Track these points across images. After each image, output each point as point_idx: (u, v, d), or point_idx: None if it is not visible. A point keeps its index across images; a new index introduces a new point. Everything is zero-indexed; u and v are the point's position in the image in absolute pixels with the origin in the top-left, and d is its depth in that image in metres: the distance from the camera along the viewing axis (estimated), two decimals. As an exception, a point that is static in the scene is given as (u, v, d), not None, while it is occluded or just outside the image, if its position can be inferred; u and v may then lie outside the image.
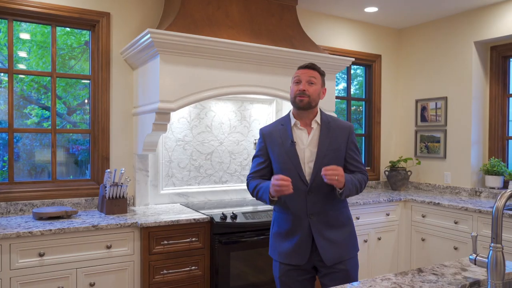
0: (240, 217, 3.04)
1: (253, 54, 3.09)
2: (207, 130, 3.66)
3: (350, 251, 2.12)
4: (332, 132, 2.11)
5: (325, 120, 2.14)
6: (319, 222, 2.07)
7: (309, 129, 2.13)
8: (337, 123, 2.15)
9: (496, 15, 3.96)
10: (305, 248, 2.07)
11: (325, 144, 2.08)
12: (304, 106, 2.07)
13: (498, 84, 4.19)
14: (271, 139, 2.17)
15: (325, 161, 2.05)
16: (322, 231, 2.07)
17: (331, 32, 4.36)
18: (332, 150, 2.09)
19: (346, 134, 2.14)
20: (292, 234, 2.10)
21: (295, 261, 2.09)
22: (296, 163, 2.07)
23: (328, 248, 2.06)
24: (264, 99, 3.92)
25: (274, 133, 2.17)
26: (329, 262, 2.06)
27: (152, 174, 3.40)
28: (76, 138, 3.33)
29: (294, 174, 2.06)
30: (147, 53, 2.93)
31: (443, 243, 3.71)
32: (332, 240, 2.07)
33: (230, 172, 3.78)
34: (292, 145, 2.09)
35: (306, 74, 2.09)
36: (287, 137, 2.11)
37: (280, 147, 2.12)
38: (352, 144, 2.15)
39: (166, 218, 2.85)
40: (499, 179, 4.01)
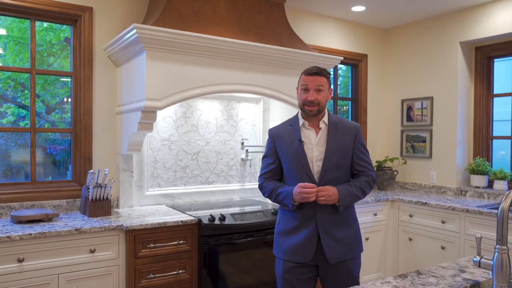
0: (228, 218, 2.96)
1: (242, 51, 3.02)
2: (193, 129, 3.57)
3: (354, 250, 2.16)
4: (340, 132, 2.17)
5: (333, 120, 2.20)
6: (325, 220, 2.11)
7: (317, 129, 2.19)
8: (344, 124, 2.21)
9: (481, 16, 3.99)
10: (310, 246, 2.10)
11: (333, 144, 2.14)
12: (314, 114, 2.14)
13: (482, 85, 4.23)
14: (279, 139, 2.22)
15: (333, 159, 2.12)
16: (328, 229, 2.10)
17: (318, 31, 4.32)
18: (340, 149, 2.14)
19: (353, 134, 2.19)
20: (298, 231, 2.13)
21: (300, 259, 2.11)
22: (304, 162, 2.12)
23: (333, 246, 2.09)
24: (251, 98, 3.85)
25: (282, 133, 2.23)
26: (332, 260, 2.09)
27: (136, 175, 3.29)
28: (53, 137, 3.19)
29: (302, 173, 2.12)
30: (132, 50, 2.83)
31: (431, 242, 3.72)
32: (338, 238, 2.11)
33: (217, 173, 3.70)
34: (300, 144, 2.14)
35: (313, 82, 2.12)
36: (295, 136, 2.17)
37: (289, 147, 2.17)
38: (359, 143, 2.21)
39: (152, 220, 2.76)
40: (484, 179, 4.05)
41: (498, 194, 3.87)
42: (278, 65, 3.27)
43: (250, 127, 3.88)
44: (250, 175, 3.88)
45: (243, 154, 3.83)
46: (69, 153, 3.21)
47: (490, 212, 3.28)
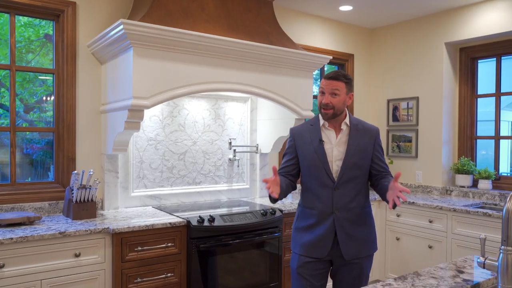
0: (218, 220, 2.90)
1: (232, 49, 2.96)
2: (180, 129, 3.49)
3: (368, 249, 2.23)
4: (361, 134, 2.24)
5: (354, 122, 2.26)
6: (343, 218, 2.17)
7: (337, 130, 2.25)
8: (365, 126, 2.28)
9: (465, 17, 4.04)
10: (327, 242, 2.17)
11: (354, 145, 2.20)
12: (329, 118, 2.20)
13: (467, 85, 4.28)
14: (300, 138, 2.29)
15: (353, 160, 2.18)
16: (345, 227, 2.17)
17: (305, 30, 4.29)
18: (360, 150, 2.20)
19: (373, 136, 2.27)
20: (316, 228, 2.20)
21: (315, 254, 2.19)
22: (323, 161, 2.18)
23: (348, 243, 2.16)
24: (239, 97, 3.79)
25: (303, 132, 2.29)
26: (347, 256, 2.16)
27: (122, 176, 3.19)
28: (30, 137, 3.06)
29: (322, 171, 2.18)
30: (118, 46, 2.73)
31: (418, 242, 3.73)
32: (353, 236, 2.17)
33: (204, 173, 3.62)
34: (320, 143, 2.20)
35: (329, 86, 2.17)
36: (316, 136, 2.23)
37: (309, 146, 2.23)
38: (378, 146, 2.28)
39: (140, 222, 2.67)
40: (469, 178, 4.09)
41: (482, 193, 3.92)
42: (268, 64, 3.22)
43: (238, 126, 3.82)
44: (237, 176, 3.83)
45: (230, 154, 3.76)
46: (47, 153, 3.09)
47: (477, 212, 3.31)
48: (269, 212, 3.14)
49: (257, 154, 3.92)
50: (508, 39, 3.93)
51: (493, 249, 3.21)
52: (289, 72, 3.36)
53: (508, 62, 4.14)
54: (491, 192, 3.86)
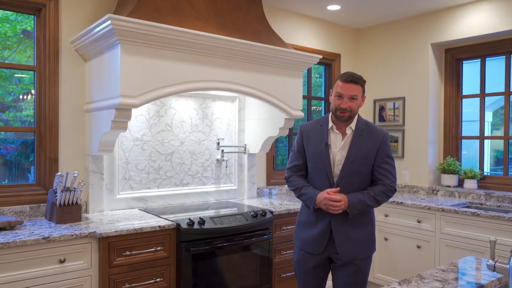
0: (208, 222, 2.82)
1: (223, 47, 2.89)
2: (167, 128, 3.39)
3: (366, 250, 2.24)
4: (365, 139, 2.21)
5: (360, 127, 2.24)
6: (340, 220, 2.20)
7: (343, 134, 2.25)
8: (372, 131, 2.24)
9: (451, 19, 4.07)
10: (322, 241, 2.22)
11: (354, 150, 2.19)
12: (345, 120, 2.20)
13: (452, 86, 4.32)
14: (308, 138, 2.31)
15: (352, 166, 2.19)
16: (342, 228, 2.19)
17: (293, 29, 4.25)
18: (361, 156, 2.19)
19: (379, 142, 2.22)
20: (315, 225, 2.26)
21: (311, 250, 2.26)
22: (326, 164, 2.21)
23: (345, 244, 2.19)
24: (227, 96, 3.72)
25: (311, 132, 2.31)
26: (345, 258, 2.19)
27: (107, 177, 3.08)
28: (4, 137, 2.92)
29: (323, 174, 2.23)
30: (105, 43, 2.63)
31: (406, 242, 3.74)
32: (351, 238, 2.19)
33: (192, 174, 3.54)
34: (326, 147, 2.22)
35: (348, 90, 2.17)
36: (322, 138, 2.25)
37: (316, 147, 2.26)
38: (383, 152, 2.22)
39: (128, 225, 2.57)
40: (455, 178, 4.13)
41: (468, 193, 3.96)
42: (258, 63, 3.16)
43: (226, 126, 3.75)
44: (225, 176, 3.75)
45: (218, 155, 3.69)
46: (22, 154, 2.95)
47: (466, 211, 3.33)
48: (260, 214, 3.09)
49: (245, 155, 3.86)
50: (492, 40, 3.98)
51: (482, 248, 3.23)
52: (279, 71, 3.31)
53: (491, 63, 4.20)
54: (477, 192, 3.90)
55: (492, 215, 3.18)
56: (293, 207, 3.37)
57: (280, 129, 3.49)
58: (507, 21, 3.71)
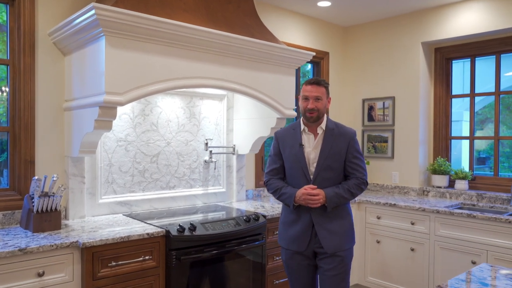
0: (199, 228, 2.65)
1: (214, 42, 2.72)
2: (153, 128, 3.19)
3: (347, 242, 2.37)
4: (335, 137, 2.38)
5: (330, 127, 2.41)
6: (319, 215, 2.33)
7: (315, 134, 2.42)
8: (341, 130, 2.42)
9: (441, 17, 4.02)
10: (305, 237, 2.34)
11: (327, 148, 2.36)
12: (314, 120, 2.38)
13: (442, 85, 4.27)
14: (283, 142, 2.47)
15: (326, 162, 2.35)
16: (322, 222, 2.32)
17: (281, 26, 4.11)
18: (333, 153, 2.36)
19: (347, 140, 2.40)
20: (296, 223, 2.37)
21: (295, 248, 2.36)
22: (303, 163, 2.37)
23: (328, 237, 2.31)
24: (215, 94, 3.55)
25: (286, 136, 2.47)
26: (329, 250, 2.30)
27: (88, 181, 2.86)
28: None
29: (300, 173, 2.37)
30: (87, 35, 2.41)
31: (399, 244, 3.66)
32: (332, 230, 2.33)
33: (178, 176, 3.35)
34: (300, 147, 2.39)
35: (313, 92, 2.36)
36: (296, 140, 2.42)
37: (291, 149, 2.42)
38: (353, 148, 2.41)
39: (113, 233, 2.37)
40: (445, 178, 4.08)
41: (460, 193, 3.91)
42: (250, 59, 3.00)
43: (214, 126, 3.57)
44: (213, 179, 3.58)
45: (206, 156, 3.51)
46: (7, 156, 2.70)
47: (462, 213, 3.26)
48: (253, 218, 2.93)
49: (234, 156, 3.69)
50: (482, 40, 3.95)
51: (478, 251, 3.17)
52: (272, 68, 3.16)
53: (481, 63, 4.18)
54: (468, 193, 3.86)
55: (488, 217, 3.12)
56: (285, 210, 3.23)
57: (272, 129, 3.34)
58: (497, 20, 3.68)
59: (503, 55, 3.92)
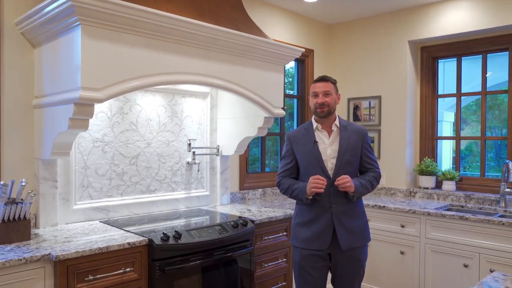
0: (185, 236, 2.45)
1: (200, 35, 2.53)
2: (132, 128, 2.97)
3: (363, 239, 2.43)
4: (350, 133, 2.45)
5: (343, 124, 2.49)
6: (339, 212, 2.37)
7: (329, 131, 2.47)
8: (353, 127, 2.51)
9: (427, 16, 3.95)
10: (326, 235, 2.36)
11: (344, 143, 2.42)
12: (325, 115, 2.43)
13: (428, 85, 4.21)
14: (296, 142, 2.50)
15: (346, 157, 2.40)
16: (342, 219, 2.36)
17: (267, 21, 3.95)
18: (351, 148, 2.42)
19: (362, 136, 2.49)
20: (315, 222, 2.39)
21: (316, 246, 2.37)
22: (319, 160, 2.40)
23: (345, 234, 2.35)
24: (198, 92, 3.35)
25: (298, 136, 2.51)
26: (344, 247, 2.35)
27: (61, 185, 2.61)
28: None
29: (318, 169, 2.38)
30: (60, 24, 2.18)
31: (389, 247, 3.55)
32: (349, 228, 2.37)
33: (159, 179, 3.13)
34: (315, 144, 2.43)
35: (321, 88, 2.43)
36: (310, 138, 2.45)
37: (305, 147, 2.45)
38: (367, 144, 2.51)
39: (90, 244, 2.14)
40: (432, 179, 4.02)
41: (447, 194, 3.85)
42: (238, 54, 2.83)
43: (197, 126, 3.37)
44: (196, 181, 3.38)
45: (189, 157, 3.30)
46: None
47: (453, 215, 3.18)
48: (241, 224, 2.75)
49: (218, 157, 3.50)
50: (468, 39, 3.90)
51: (470, 253, 3.10)
52: (259, 64, 2.99)
53: (466, 62, 4.14)
54: (456, 194, 3.80)
55: (481, 219, 3.05)
56: (273, 214, 3.07)
57: (259, 128, 3.17)
58: (484, 19, 3.63)
59: (488, 54, 3.88)
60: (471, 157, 5.44)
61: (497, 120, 4.71)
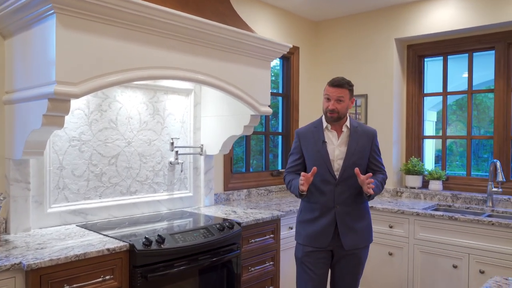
0: (168, 240, 2.31)
1: (184, 27, 2.40)
2: (111, 126, 2.81)
3: (365, 240, 2.47)
4: (360, 135, 2.46)
5: (354, 125, 2.49)
6: (343, 212, 2.39)
7: (339, 132, 2.48)
8: (363, 129, 2.52)
9: (414, 14, 3.91)
10: (328, 233, 2.39)
11: (353, 145, 2.43)
12: (334, 120, 2.43)
13: (414, 83, 4.17)
14: (305, 139, 2.52)
15: (353, 159, 2.41)
16: (345, 220, 2.39)
17: (252, 17, 3.82)
18: (359, 150, 2.44)
19: (371, 138, 2.50)
20: (318, 220, 2.41)
21: (318, 244, 2.41)
22: (326, 159, 2.41)
23: (348, 234, 2.38)
24: (181, 89, 3.21)
25: (307, 134, 2.52)
26: (347, 247, 2.38)
27: (34, 187, 2.43)
28: None
29: (324, 169, 2.40)
30: (33, 13, 2.01)
31: (377, 249, 3.48)
32: (353, 228, 2.40)
33: (140, 180, 2.98)
34: (323, 144, 2.44)
35: (335, 93, 2.39)
36: (319, 137, 2.47)
37: (313, 146, 2.47)
38: (375, 146, 2.53)
39: (66, 250, 1.98)
40: (419, 179, 3.98)
41: (434, 194, 3.81)
42: (223, 49, 2.70)
43: (180, 124, 3.23)
44: (179, 182, 3.23)
45: (171, 157, 3.16)
46: None
47: (442, 215, 3.14)
48: (227, 227, 2.63)
49: (202, 156, 3.36)
50: (455, 38, 3.87)
51: (460, 254, 3.06)
52: (246, 60, 2.88)
53: (452, 61, 4.11)
54: (443, 193, 3.76)
55: (470, 219, 3.01)
56: (260, 216, 2.96)
57: (245, 127, 3.06)
58: (470, 18, 3.60)
59: (474, 53, 3.87)
60: (452, 157, 5.44)
61: (476, 120, 4.71)
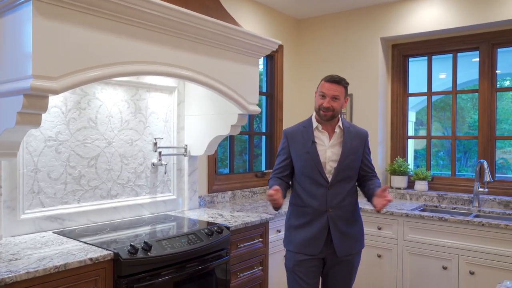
0: (155, 247, 2.16)
1: (170, 20, 2.25)
2: (91, 125, 2.62)
3: (358, 245, 2.36)
4: (353, 136, 2.34)
5: (346, 126, 2.37)
6: (336, 216, 2.26)
7: (330, 133, 2.34)
8: (356, 129, 2.41)
9: (399, 13, 3.88)
10: (320, 239, 2.25)
11: (347, 147, 2.30)
12: (328, 119, 2.29)
13: (399, 83, 4.14)
14: (293, 140, 2.37)
15: (347, 161, 2.29)
16: (338, 224, 2.26)
17: (235, 13, 3.68)
18: (353, 152, 2.31)
19: (364, 139, 2.40)
20: (310, 225, 2.27)
21: (309, 251, 2.27)
22: (317, 161, 2.27)
23: (341, 240, 2.26)
24: (164, 86, 3.05)
25: (296, 134, 2.38)
26: (340, 253, 2.26)
27: (6, 191, 2.23)
28: None
29: (315, 171, 2.27)
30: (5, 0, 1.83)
31: (365, 251, 3.40)
32: (345, 233, 2.28)
33: (122, 183, 2.80)
34: (313, 145, 2.29)
35: (331, 90, 2.26)
36: (308, 137, 2.32)
37: (302, 147, 2.32)
38: (367, 148, 2.44)
39: (44, 261, 1.81)
40: (405, 179, 3.95)
41: (420, 194, 3.79)
42: (210, 44, 2.57)
43: (163, 123, 3.07)
44: (162, 184, 3.07)
45: (154, 158, 3.00)
46: None
47: (432, 216, 3.10)
48: (216, 231, 2.50)
49: (186, 157, 3.22)
50: (440, 37, 3.87)
51: (449, 255, 3.03)
52: (234, 56, 2.75)
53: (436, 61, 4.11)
54: (429, 194, 3.75)
55: (460, 220, 2.98)
56: (249, 219, 2.84)
57: (232, 126, 2.93)
58: (455, 18, 3.60)
59: (459, 54, 3.87)
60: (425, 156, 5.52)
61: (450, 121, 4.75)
